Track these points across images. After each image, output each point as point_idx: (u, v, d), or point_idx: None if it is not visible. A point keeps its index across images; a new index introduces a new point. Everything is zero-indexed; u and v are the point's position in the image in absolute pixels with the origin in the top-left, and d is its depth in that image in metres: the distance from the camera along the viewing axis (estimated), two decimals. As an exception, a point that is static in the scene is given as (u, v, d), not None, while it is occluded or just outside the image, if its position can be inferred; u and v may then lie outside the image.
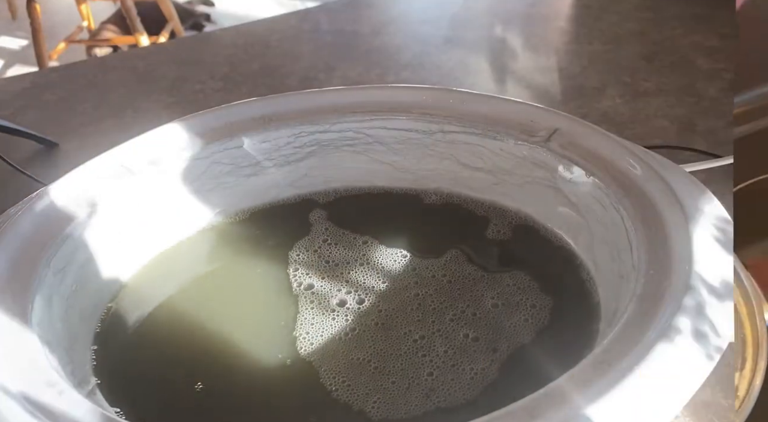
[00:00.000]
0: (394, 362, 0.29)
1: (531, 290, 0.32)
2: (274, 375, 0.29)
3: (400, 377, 0.28)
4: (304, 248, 0.35)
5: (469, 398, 0.27)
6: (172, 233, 0.35)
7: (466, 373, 0.28)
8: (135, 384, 0.29)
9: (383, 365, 0.28)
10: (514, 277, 0.32)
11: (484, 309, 0.31)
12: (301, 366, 0.29)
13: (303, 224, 0.37)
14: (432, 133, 0.37)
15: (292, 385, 0.28)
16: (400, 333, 0.30)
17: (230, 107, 0.37)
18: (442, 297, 0.32)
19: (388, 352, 0.29)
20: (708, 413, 0.31)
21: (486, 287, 0.32)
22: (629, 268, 0.27)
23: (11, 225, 0.29)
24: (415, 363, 0.28)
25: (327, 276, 0.34)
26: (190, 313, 0.32)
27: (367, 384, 0.28)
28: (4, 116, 0.58)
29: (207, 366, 0.29)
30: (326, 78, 0.64)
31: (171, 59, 0.69)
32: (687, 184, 0.30)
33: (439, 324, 0.30)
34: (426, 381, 0.28)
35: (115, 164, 0.33)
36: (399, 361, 0.29)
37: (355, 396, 0.27)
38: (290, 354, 0.29)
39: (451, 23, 0.76)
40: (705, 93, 0.57)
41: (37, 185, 0.48)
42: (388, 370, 0.28)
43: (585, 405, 0.20)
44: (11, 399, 0.22)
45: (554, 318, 0.30)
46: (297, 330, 0.31)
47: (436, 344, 0.29)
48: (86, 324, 0.30)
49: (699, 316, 0.23)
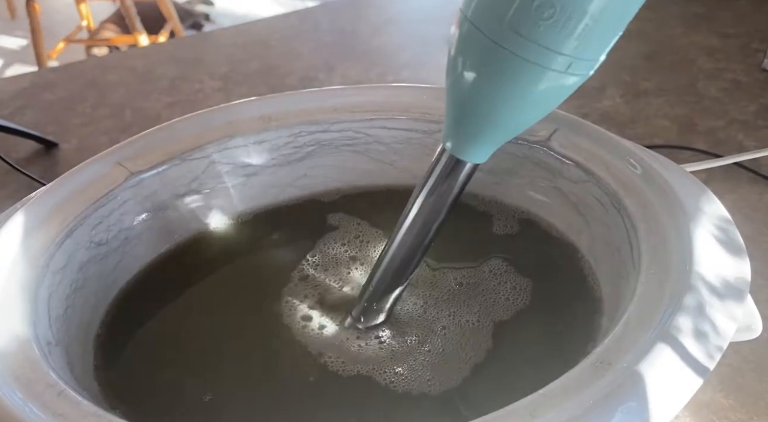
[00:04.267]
0: (401, 358, 0.29)
1: (531, 289, 0.32)
2: (276, 375, 0.29)
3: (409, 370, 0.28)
4: (306, 248, 0.35)
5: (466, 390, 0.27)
6: (172, 234, 0.35)
7: (465, 362, 0.28)
8: (135, 384, 0.29)
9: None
10: (514, 276, 0.32)
11: (484, 307, 0.31)
12: (303, 365, 0.29)
13: (304, 224, 0.37)
14: (432, 133, 0.37)
15: (293, 384, 0.28)
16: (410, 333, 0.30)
17: (230, 107, 0.37)
18: (445, 296, 0.32)
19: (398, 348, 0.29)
20: (708, 413, 0.31)
21: (487, 286, 0.32)
22: (629, 268, 0.27)
23: (11, 225, 0.29)
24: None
25: (330, 275, 0.34)
26: (190, 314, 0.32)
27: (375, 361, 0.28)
28: (3, 115, 0.59)
29: (207, 367, 0.29)
30: (326, 78, 0.64)
31: (170, 59, 0.69)
32: (687, 184, 0.30)
33: (445, 320, 0.30)
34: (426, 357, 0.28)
35: (115, 164, 0.33)
36: (410, 357, 0.29)
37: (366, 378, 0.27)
38: (291, 353, 0.29)
39: (451, 23, 0.75)
40: (705, 93, 0.57)
41: (37, 185, 0.48)
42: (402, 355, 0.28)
43: (585, 405, 0.20)
44: (11, 400, 0.22)
45: (554, 317, 0.30)
46: (301, 330, 0.30)
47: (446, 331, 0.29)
48: (86, 324, 0.30)
49: (699, 316, 0.23)
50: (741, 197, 0.45)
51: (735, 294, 0.24)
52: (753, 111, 0.55)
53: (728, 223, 0.27)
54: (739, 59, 0.62)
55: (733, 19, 0.70)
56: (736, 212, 0.41)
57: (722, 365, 0.33)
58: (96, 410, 0.22)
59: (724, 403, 0.31)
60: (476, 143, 0.27)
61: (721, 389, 0.32)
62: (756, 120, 0.54)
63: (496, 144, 0.27)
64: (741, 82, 0.59)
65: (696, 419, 0.31)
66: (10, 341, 0.24)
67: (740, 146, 0.51)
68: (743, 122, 0.53)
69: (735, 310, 0.23)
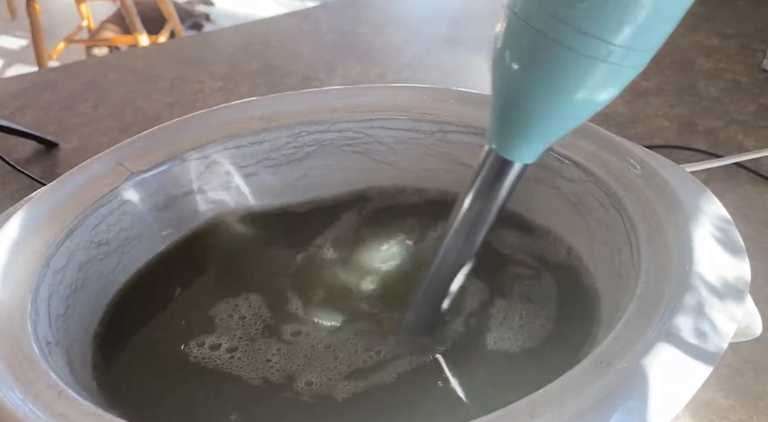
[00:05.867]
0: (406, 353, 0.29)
1: (531, 288, 0.32)
2: (277, 375, 0.29)
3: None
4: (305, 248, 0.35)
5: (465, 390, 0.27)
6: (172, 234, 0.35)
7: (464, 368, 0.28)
8: (134, 384, 0.29)
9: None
10: (514, 275, 0.32)
11: (484, 306, 0.31)
12: (305, 363, 0.29)
13: (304, 223, 0.37)
14: (432, 133, 0.37)
15: (293, 385, 0.28)
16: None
17: (230, 107, 0.37)
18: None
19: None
20: (708, 413, 0.31)
21: (486, 286, 0.32)
22: (629, 268, 0.27)
23: (11, 225, 0.29)
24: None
25: (331, 275, 0.34)
26: (190, 314, 0.32)
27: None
28: (3, 115, 0.59)
29: (207, 367, 0.29)
30: (326, 78, 0.64)
31: (170, 59, 0.69)
32: (687, 184, 0.30)
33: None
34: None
35: (115, 164, 0.33)
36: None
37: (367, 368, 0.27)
38: (290, 354, 0.29)
39: (451, 23, 0.76)
40: (705, 93, 0.57)
41: (37, 185, 0.48)
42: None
43: (585, 406, 0.20)
44: (11, 400, 0.22)
45: (554, 315, 0.30)
46: (301, 329, 0.30)
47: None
48: (86, 324, 0.30)
49: (699, 316, 0.23)
50: (741, 197, 0.45)
51: (735, 294, 0.24)
52: (753, 111, 0.55)
53: (728, 223, 0.27)
54: (739, 59, 0.62)
55: (733, 19, 0.70)
56: (736, 212, 0.41)
57: (722, 365, 0.33)
58: (96, 410, 0.22)
59: (723, 403, 0.31)
60: (523, 142, 0.26)
61: (721, 389, 0.32)
62: (756, 120, 0.54)
63: (543, 142, 0.26)
64: (741, 82, 0.59)
65: (696, 419, 0.31)
66: (10, 341, 0.24)
67: (740, 146, 0.51)
68: (743, 122, 0.53)
69: (735, 310, 0.23)
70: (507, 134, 0.26)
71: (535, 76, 0.23)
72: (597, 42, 0.22)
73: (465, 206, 0.28)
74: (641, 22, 0.21)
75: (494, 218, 0.27)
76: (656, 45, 0.23)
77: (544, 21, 0.22)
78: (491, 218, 0.27)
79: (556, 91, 0.23)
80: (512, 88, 0.24)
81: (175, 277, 0.34)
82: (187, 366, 0.29)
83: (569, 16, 0.21)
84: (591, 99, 0.24)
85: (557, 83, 0.23)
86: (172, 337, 0.31)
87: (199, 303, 0.33)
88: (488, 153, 0.27)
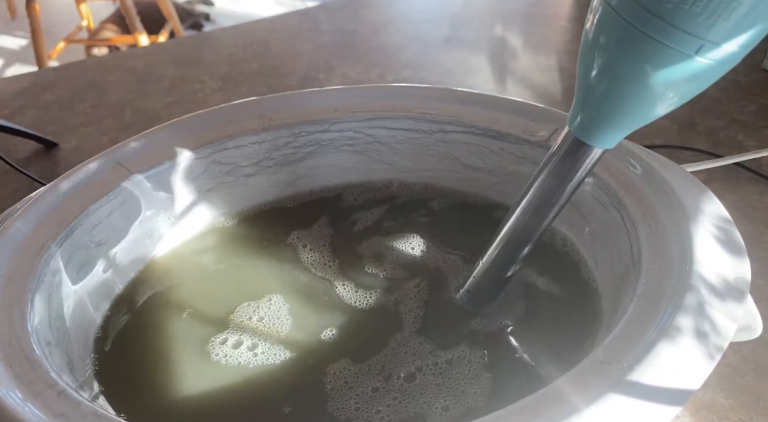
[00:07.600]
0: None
1: (532, 288, 0.32)
2: (276, 375, 0.29)
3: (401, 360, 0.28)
4: (307, 248, 0.35)
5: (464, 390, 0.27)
6: (173, 234, 0.35)
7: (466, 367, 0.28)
8: (134, 384, 0.29)
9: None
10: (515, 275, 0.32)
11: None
12: (305, 364, 0.29)
13: (305, 223, 0.37)
14: (432, 133, 0.37)
15: (295, 384, 0.28)
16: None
17: (230, 107, 0.37)
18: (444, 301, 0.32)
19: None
20: (708, 413, 0.31)
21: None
22: (629, 268, 0.27)
23: (11, 225, 0.29)
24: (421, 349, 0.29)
25: (331, 275, 0.34)
26: (190, 314, 0.32)
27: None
28: (3, 115, 0.58)
29: (208, 368, 0.29)
30: (326, 78, 0.64)
31: (170, 59, 0.69)
32: (687, 184, 0.30)
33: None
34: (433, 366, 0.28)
35: (115, 164, 0.33)
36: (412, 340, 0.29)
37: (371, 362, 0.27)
38: (293, 352, 0.29)
39: (451, 23, 0.76)
40: (705, 93, 0.57)
41: (37, 185, 0.48)
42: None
43: (585, 405, 0.20)
44: (11, 400, 0.22)
45: (554, 316, 0.30)
46: (304, 328, 0.30)
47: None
48: (86, 324, 0.30)
49: (699, 315, 0.23)
50: (741, 197, 0.45)
51: (735, 294, 0.24)
52: (753, 111, 0.55)
53: (728, 223, 0.27)
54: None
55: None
56: (736, 212, 0.41)
57: (722, 365, 0.33)
58: (96, 410, 0.22)
59: (724, 403, 0.31)
60: (606, 129, 0.26)
61: (721, 389, 0.32)
62: (756, 120, 0.54)
63: (626, 130, 0.26)
64: (741, 83, 0.59)
65: (696, 419, 0.31)
66: (10, 341, 0.24)
67: (740, 146, 0.51)
68: (743, 122, 0.53)
69: (735, 310, 0.23)
70: (590, 120, 0.26)
71: (616, 62, 0.24)
72: (680, 33, 0.22)
73: (537, 184, 0.28)
74: (733, 20, 0.22)
75: (566, 201, 0.28)
76: (748, 43, 0.23)
77: (631, 9, 0.22)
78: (563, 200, 0.28)
79: (636, 80, 0.24)
80: (599, 77, 0.25)
81: (175, 277, 0.34)
82: (187, 366, 0.29)
83: (658, 7, 0.22)
84: (672, 91, 0.24)
85: (639, 72, 0.23)
86: (173, 337, 0.31)
87: (199, 303, 0.33)
88: (567, 136, 0.27)
